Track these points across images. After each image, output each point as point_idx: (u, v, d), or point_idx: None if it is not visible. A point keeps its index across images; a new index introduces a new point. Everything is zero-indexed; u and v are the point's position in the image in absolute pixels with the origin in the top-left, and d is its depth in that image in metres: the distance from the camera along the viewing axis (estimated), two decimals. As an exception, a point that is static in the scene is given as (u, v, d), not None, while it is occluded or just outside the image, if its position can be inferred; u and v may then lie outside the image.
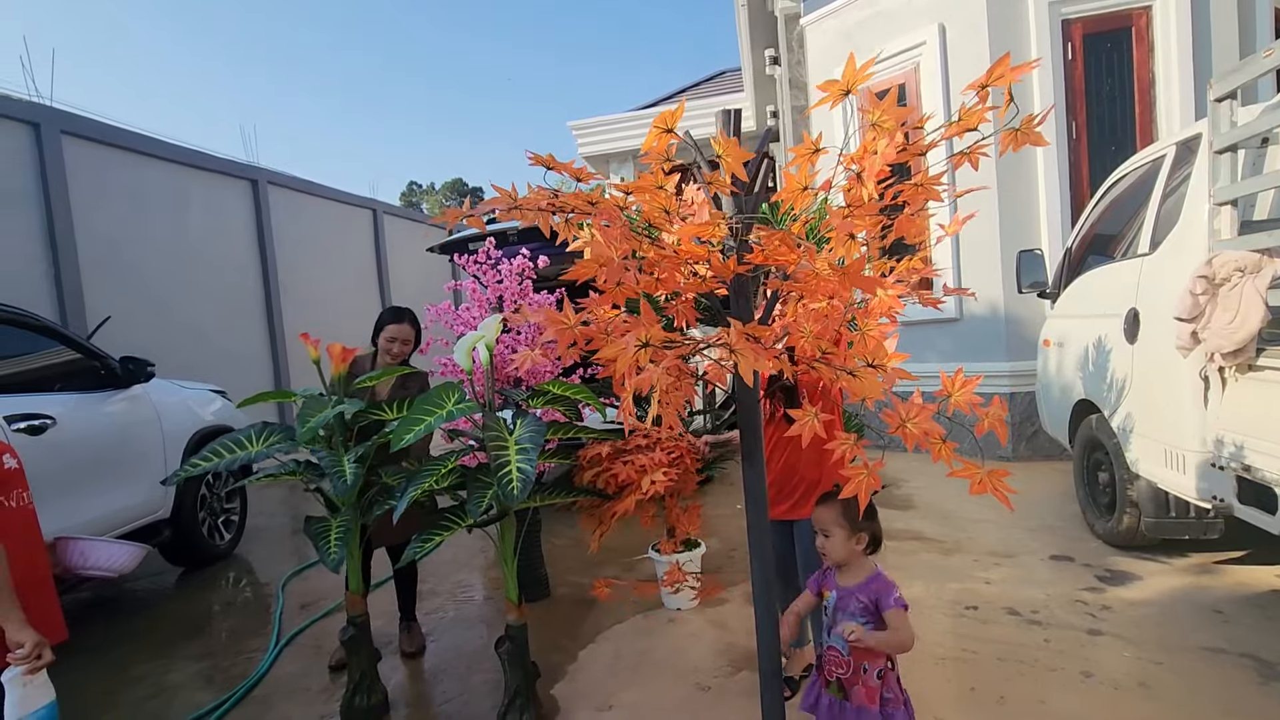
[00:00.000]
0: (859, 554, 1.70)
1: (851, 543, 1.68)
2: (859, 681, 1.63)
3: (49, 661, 1.55)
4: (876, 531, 1.72)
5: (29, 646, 1.50)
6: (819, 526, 1.72)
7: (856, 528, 1.68)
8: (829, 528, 1.69)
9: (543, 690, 2.51)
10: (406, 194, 46.97)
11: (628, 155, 10.52)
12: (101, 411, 3.62)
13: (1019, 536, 3.78)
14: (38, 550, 1.72)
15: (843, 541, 1.68)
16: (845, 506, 1.66)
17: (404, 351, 2.99)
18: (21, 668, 1.49)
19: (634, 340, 1.24)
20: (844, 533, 1.67)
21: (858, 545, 1.69)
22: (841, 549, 1.68)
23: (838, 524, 1.68)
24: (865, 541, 1.70)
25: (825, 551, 1.72)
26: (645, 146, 1.39)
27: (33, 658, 1.51)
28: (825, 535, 1.71)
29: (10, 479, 1.65)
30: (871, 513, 1.71)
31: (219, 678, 2.89)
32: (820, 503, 1.75)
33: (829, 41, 6.58)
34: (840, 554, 1.69)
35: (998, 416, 1.39)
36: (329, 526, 2.27)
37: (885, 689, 1.64)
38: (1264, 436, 2.49)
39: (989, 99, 1.31)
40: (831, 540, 1.69)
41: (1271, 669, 2.37)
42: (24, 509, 1.68)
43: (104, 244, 6.53)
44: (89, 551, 1.80)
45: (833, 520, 1.68)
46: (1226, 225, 2.72)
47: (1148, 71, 5.20)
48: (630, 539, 4.20)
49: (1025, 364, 5.18)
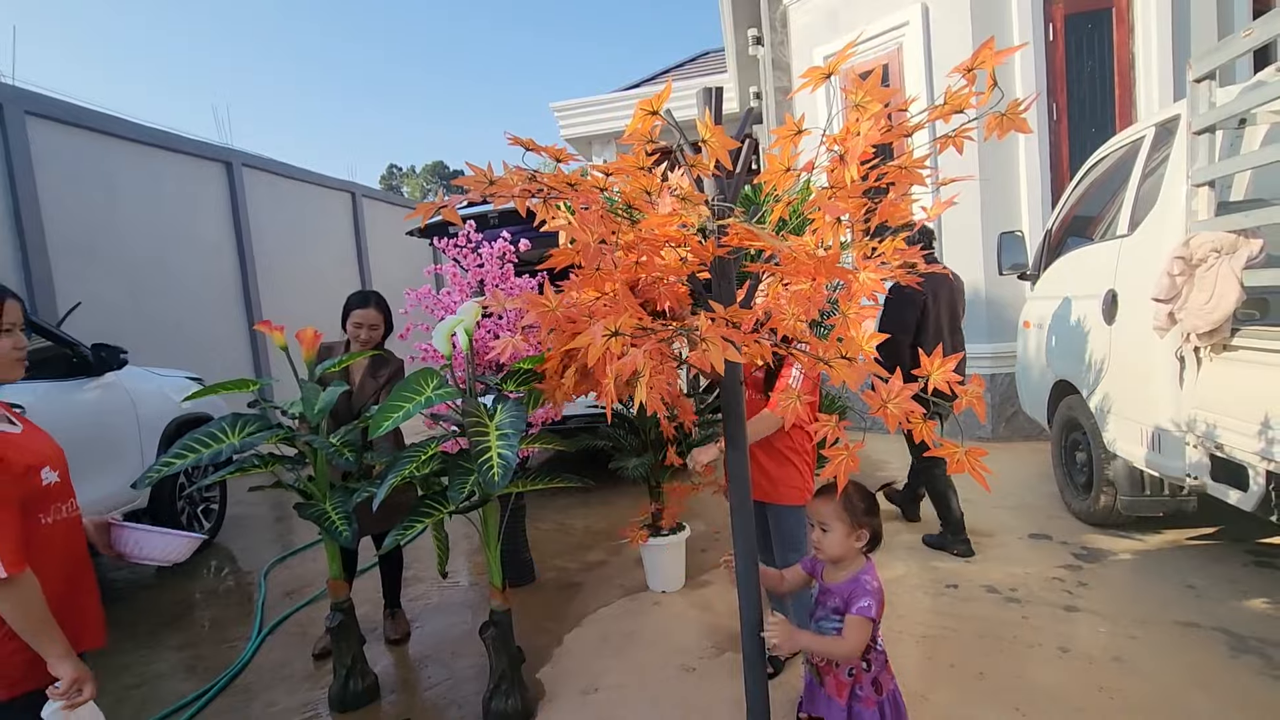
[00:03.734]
0: (856, 551, 1.59)
1: (851, 539, 1.58)
2: (830, 673, 1.61)
3: (90, 697, 1.41)
4: (877, 528, 1.60)
5: (66, 683, 1.37)
6: (816, 519, 1.61)
7: (858, 522, 1.57)
8: (828, 521, 1.58)
9: (529, 674, 2.51)
10: (386, 177, 46.30)
11: (610, 137, 10.41)
12: (73, 400, 3.55)
13: (999, 516, 3.84)
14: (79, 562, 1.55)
15: (842, 538, 1.57)
16: (846, 499, 1.57)
17: (373, 337, 2.94)
18: (60, 702, 1.37)
19: (602, 329, 1.22)
20: (844, 528, 1.57)
21: (857, 542, 1.58)
22: (839, 545, 1.58)
23: (838, 518, 1.57)
24: (865, 539, 1.59)
25: (820, 546, 1.61)
26: (630, 129, 1.37)
27: (72, 692, 1.38)
28: (824, 529, 1.59)
29: (50, 494, 1.49)
30: (873, 507, 1.60)
31: (202, 666, 2.87)
32: (818, 495, 1.63)
33: (812, 21, 6.53)
34: (837, 550, 1.59)
35: (976, 394, 1.38)
36: (324, 510, 2.24)
37: (857, 686, 1.59)
38: (1237, 415, 2.54)
39: (974, 83, 1.30)
40: (830, 535, 1.58)
41: (1242, 642, 2.43)
42: (64, 521, 1.52)
43: (73, 228, 6.36)
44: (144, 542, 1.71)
45: (833, 514, 1.57)
46: (1204, 206, 2.74)
47: (1128, 53, 5.22)
48: (615, 524, 4.21)
49: (1006, 345, 5.23)
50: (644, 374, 1.25)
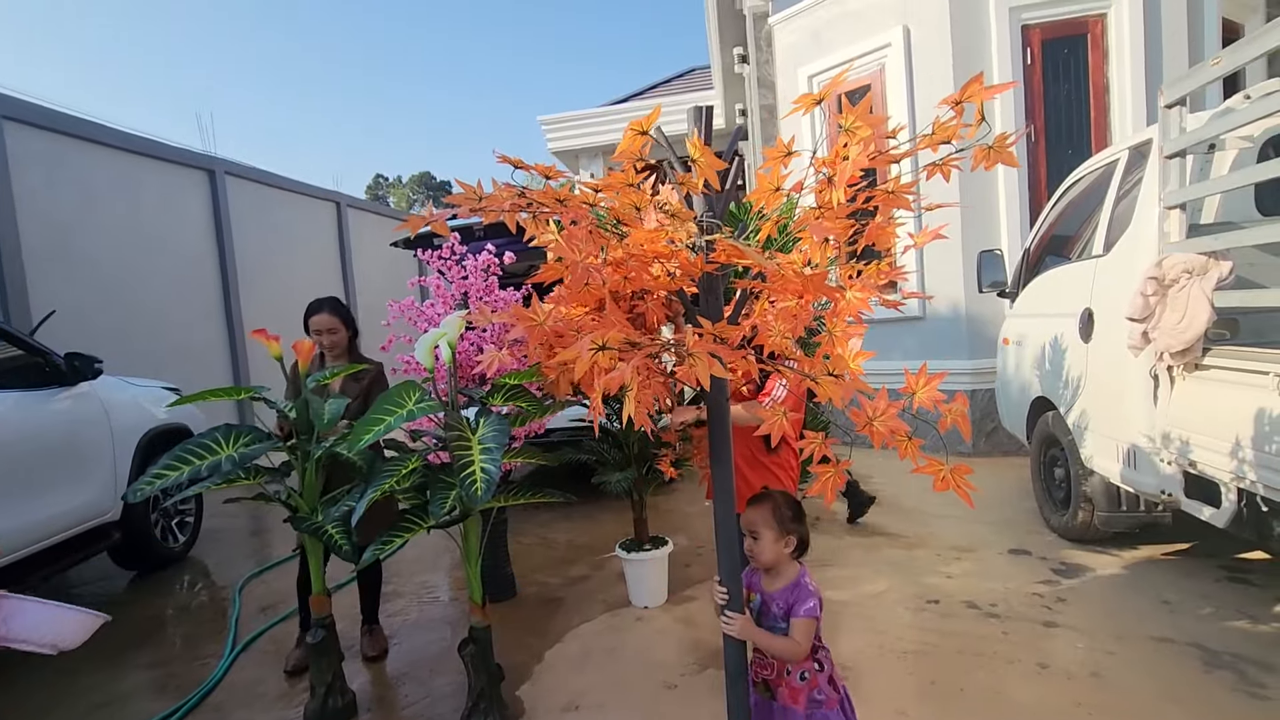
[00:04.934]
0: (786, 557, 1.68)
1: (780, 545, 1.65)
2: (783, 683, 1.64)
3: None
4: (804, 535, 1.70)
5: None
6: (748, 528, 1.69)
7: (785, 529, 1.65)
8: (758, 529, 1.66)
9: (508, 691, 2.48)
10: (373, 187, 46.08)
11: (598, 151, 10.47)
12: (44, 410, 3.46)
13: (979, 531, 3.87)
14: None
15: (771, 543, 1.65)
16: (775, 507, 1.66)
17: (337, 342, 2.90)
18: None
19: (589, 344, 1.22)
20: (772, 534, 1.65)
21: (786, 548, 1.66)
22: (769, 551, 1.66)
23: (767, 525, 1.65)
24: (794, 545, 1.67)
25: (754, 554, 1.68)
26: (620, 149, 1.38)
27: None
28: (754, 537, 1.67)
29: None
30: (800, 515, 1.70)
31: (172, 685, 2.80)
32: (751, 504, 1.72)
33: (797, 41, 6.63)
34: (768, 556, 1.66)
35: (960, 412, 1.40)
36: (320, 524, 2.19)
37: (814, 690, 1.63)
38: (1209, 433, 2.59)
39: (962, 114, 1.33)
40: (760, 542, 1.66)
41: (1215, 657, 2.47)
42: None
43: (51, 235, 6.24)
44: (22, 616, 1.28)
45: (762, 521, 1.66)
46: (1176, 228, 2.81)
47: (1102, 77, 5.36)
48: (598, 538, 4.19)
49: (986, 362, 5.30)
50: (631, 387, 1.25)
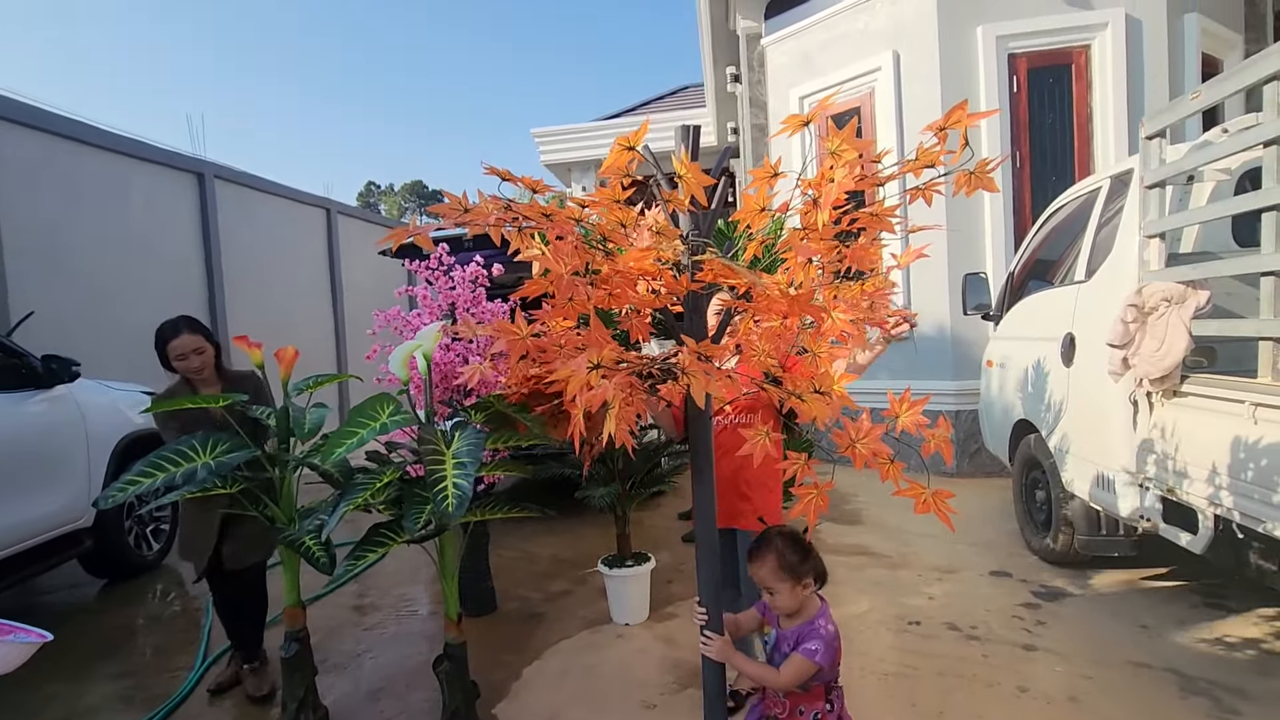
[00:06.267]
0: (809, 597, 1.63)
1: (799, 591, 1.60)
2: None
3: None
4: (819, 569, 1.64)
5: None
6: (760, 585, 1.63)
7: (798, 576, 1.59)
8: (769, 585, 1.60)
9: (485, 709, 2.44)
10: (364, 194, 46.02)
11: (590, 164, 10.52)
12: (18, 412, 3.40)
13: (961, 552, 3.88)
14: None
15: (788, 593, 1.59)
16: (778, 558, 1.59)
17: (206, 362, 2.71)
18: None
19: (585, 362, 1.22)
20: (787, 586, 1.59)
21: (805, 590, 1.61)
22: (789, 601, 1.60)
23: (777, 579, 1.59)
24: (812, 585, 1.62)
25: (775, 606, 1.63)
26: (607, 164, 1.38)
27: None
28: (770, 592, 1.61)
29: None
30: (805, 551, 1.63)
31: (140, 697, 2.73)
32: (751, 561, 1.64)
33: (788, 62, 6.72)
34: (789, 605, 1.61)
35: (943, 437, 1.41)
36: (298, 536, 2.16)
37: None
38: (1186, 460, 2.62)
39: (946, 140, 1.35)
40: (778, 596, 1.60)
41: (1191, 683, 2.48)
42: None
43: (33, 236, 6.15)
44: None
45: (771, 578, 1.60)
46: (1155, 257, 2.86)
47: (1086, 106, 5.47)
48: (581, 553, 4.16)
49: (970, 383, 5.34)
50: (613, 405, 1.25)
